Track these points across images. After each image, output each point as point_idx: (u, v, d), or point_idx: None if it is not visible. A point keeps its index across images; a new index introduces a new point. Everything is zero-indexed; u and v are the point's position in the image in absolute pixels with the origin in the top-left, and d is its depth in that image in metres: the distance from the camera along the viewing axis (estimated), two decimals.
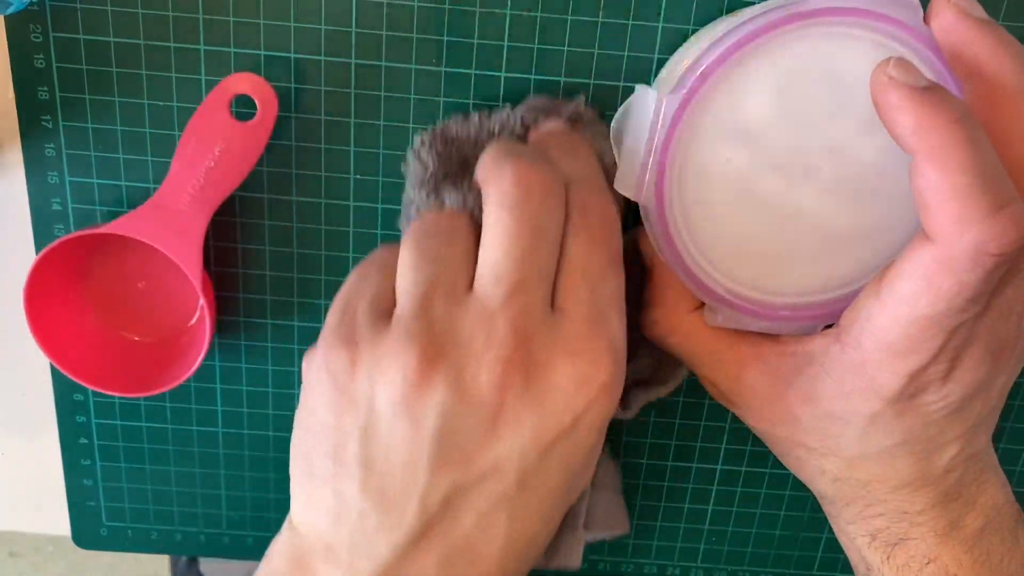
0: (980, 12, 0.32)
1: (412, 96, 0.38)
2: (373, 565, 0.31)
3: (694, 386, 0.43)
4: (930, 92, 0.29)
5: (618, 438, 0.45)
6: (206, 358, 0.40)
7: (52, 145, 0.39)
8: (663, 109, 0.32)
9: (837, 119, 0.33)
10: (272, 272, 0.41)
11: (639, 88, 0.34)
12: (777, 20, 0.32)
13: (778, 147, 0.33)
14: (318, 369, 0.32)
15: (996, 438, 0.44)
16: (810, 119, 0.33)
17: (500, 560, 0.31)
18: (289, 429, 0.34)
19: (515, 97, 0.37)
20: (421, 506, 0.30)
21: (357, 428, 0.31)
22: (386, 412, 0.30)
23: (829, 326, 0.35)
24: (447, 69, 0.37)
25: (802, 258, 0.35)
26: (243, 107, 0.37)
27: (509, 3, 0.36)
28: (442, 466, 0.30)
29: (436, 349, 0.30)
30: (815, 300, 0.36)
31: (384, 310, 0.32)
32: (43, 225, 0.40)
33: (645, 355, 0.40)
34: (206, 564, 0.59)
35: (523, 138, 0.36)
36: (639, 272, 0.37)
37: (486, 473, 0.30)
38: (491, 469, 0.30)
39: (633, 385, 0.41)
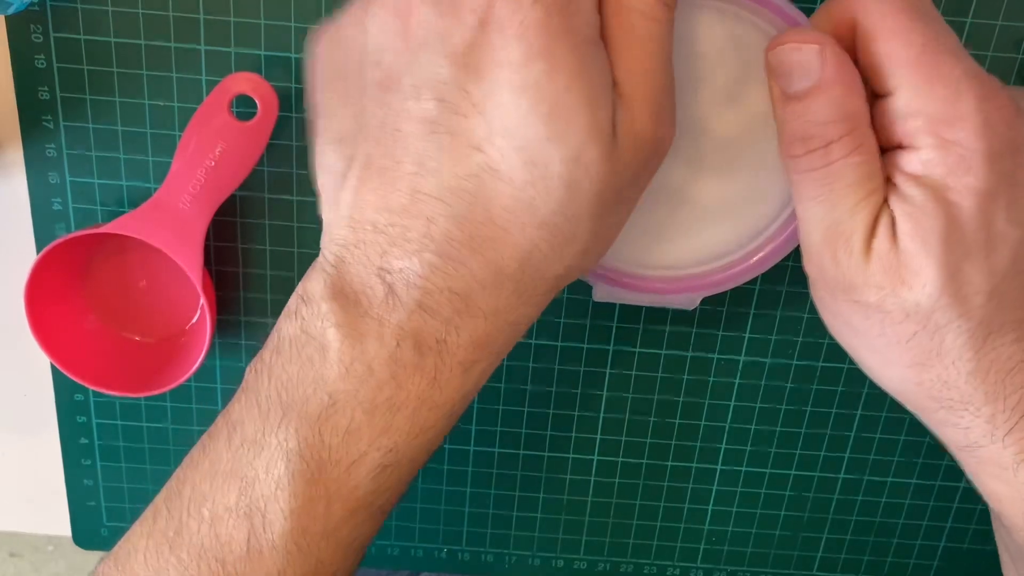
0: None
1: None
2: (339, 215, 0.30)
3: (694, 386, 0.43)
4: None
5: (619, 438, 0.45)
6: (206, 358, 0.40)
7: (53, 145, 0.39)
8: None
9: (695, 93, 0.34)
10: (272, 272, 0.41)
11: None
12: None
13: None
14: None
15: None
16: None
17: (441, 190, 0.29)
18: None
19: None
20: (362, 137, 0.30)
21: (323, 89, 0.32)
22: (332, 56, 0.31)
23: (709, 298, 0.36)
24: None
25: (673, 232, 0.36)
26: (243, 107, 0.37)
27: None
28: (371, 89, 0.29)
29: None
30: (689, 273, 0.37)
31: None
32: (43, 225, 0.40)
33: None
34: None
35: None
36: None
37: (406, 93, 0.29)
38: (409, 87, 0.29)
39: None
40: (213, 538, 0.30)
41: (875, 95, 0.32)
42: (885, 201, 0.31)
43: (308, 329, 0.30)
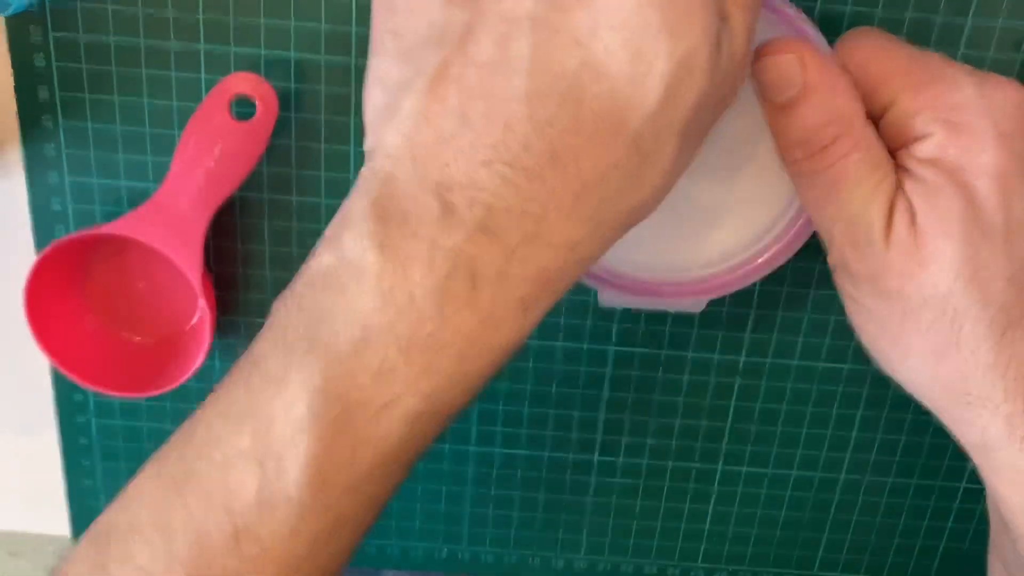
0: None
1: None
2: (395, 128, 0.27)
3: (694, 386, 0.43)
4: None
5: (619, 438, 0.45)
6: (206, 359, 0.40)
7: (52, 145, 0.39)
8: None
9: None
10: (272, 272, 0.41)
11: None
12: None
13: None
14: None
15: None
16: None
17: (528, 92, 0.26)
18: None
19: None
20: (439, 44, 0.26)
21: (387, 8, 0.28)
22: None
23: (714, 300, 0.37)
24: None
25: (678, 235, 0.36)
26: (243, 107, 0.37)
27: None
28: None
29: None
30: (697, 275, 0.37)
31: None
32: (43, 225, 0.40)
33: None
34: None
35: None
36: None
37: None
38: None
39: None
40: (222, 484, 0.27)
41: (879, 114, 0.32)
42: (898, 188, 0.31)
43: (346, 252, 0.26)
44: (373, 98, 0.28)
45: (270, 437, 0.27)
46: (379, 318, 0.26)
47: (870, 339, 0.34)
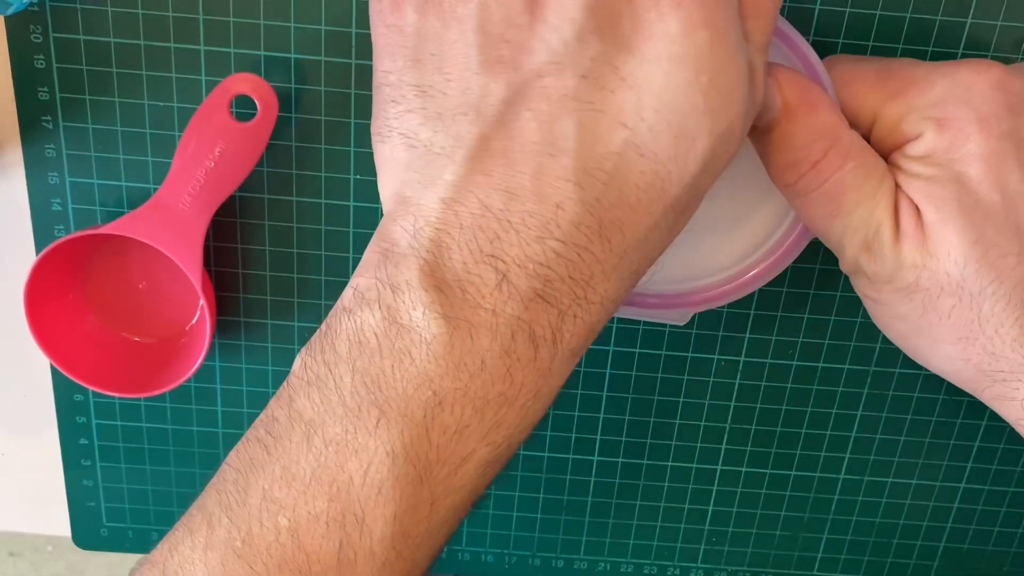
0: None
1: None
2: (437, 195, 0.27)
3: (694, 386, 0.43)
4: None
5: (619, 438, 0.45)
6: (206, 358, 0.40)
7: (52, 145, 0.39)
8: None
9: None
10: (272, 272, 0.41)
11: None
12: None
13: None
14: (373, 27, 0.30)
15: (996, 438, 0.44)
16: None
17: (576, 172, 0.27)
18: None
19: None
20: (477, 115, 0.27)
21: (408, 58, 0.28)
22: (430, 26, 0.28)
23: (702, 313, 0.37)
24: None
25: (667, 249, 0.36)
26: (243, 107, 0.37)
27: None
28: (493, 65, 0.27)
29: None
30: (684, 288, 0.37)
31: None
32: (43, 225, 0.40)
33: None
34: None
35: None
36: None
37: (541, 70, 0.27)
38: (547, 63, 0.27)
39: None
40: (295, 549, 0.27)
41: (866, 132, 0.33)
42: (898, 188, 0.32)
43: (401, 319, 0.27)
44: (396, 151, 0.29)
45: (348, 499, 0.27)
46: (452, 383, 0.27)
47: (898, 336, 0.35)
